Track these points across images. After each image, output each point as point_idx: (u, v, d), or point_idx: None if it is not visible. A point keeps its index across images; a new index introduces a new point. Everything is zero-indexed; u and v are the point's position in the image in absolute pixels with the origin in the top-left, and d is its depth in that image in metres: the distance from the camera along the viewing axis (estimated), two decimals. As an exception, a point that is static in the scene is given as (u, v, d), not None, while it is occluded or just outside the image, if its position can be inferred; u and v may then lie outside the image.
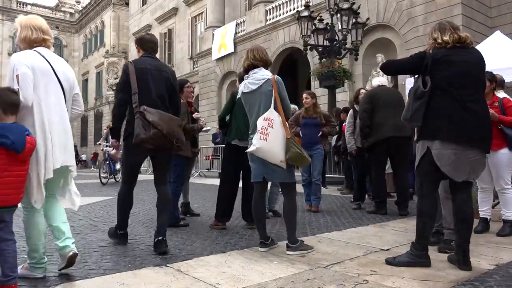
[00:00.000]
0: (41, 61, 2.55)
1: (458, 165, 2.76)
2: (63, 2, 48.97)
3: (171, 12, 28.32)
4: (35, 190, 2.45)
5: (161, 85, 3.43)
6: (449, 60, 2.82)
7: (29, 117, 2.45)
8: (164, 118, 3.22)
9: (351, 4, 10.26)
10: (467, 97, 2.77)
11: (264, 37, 18.09)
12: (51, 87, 2.57)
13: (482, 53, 3.03)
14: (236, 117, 4.37)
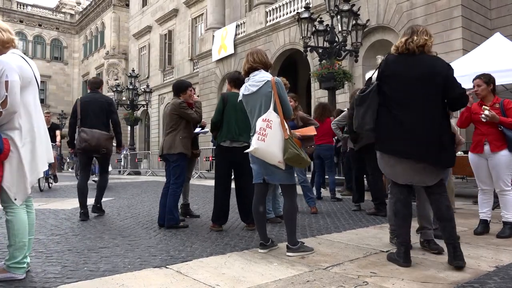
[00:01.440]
0: (25, 66, 2.58)
1: (394, 173, 2.97)
2: (64, 3, 49.05)
3: (172, 14, 28.37)
4: (22, 189, 2.51)
5: (99, 111, 5.31)
6: (390, 67, 2.91)
7: (16, 121, 2.49)
8: (94, 135, 5.15)
9: (351, 5, 10.27)
10: (402, 110, 2.81)
11: (264, 39, 18.11)
12: (33, 90, 2.63)
13: (482, 55, 3.04)
14: (227, 118, 4.37)
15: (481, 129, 4.00)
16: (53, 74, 42.88)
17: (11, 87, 2.41)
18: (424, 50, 2.87)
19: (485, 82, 4.04)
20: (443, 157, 2.83)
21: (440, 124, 2.81)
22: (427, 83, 2.79)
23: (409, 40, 2.87)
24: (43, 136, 2.67)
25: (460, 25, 11.37)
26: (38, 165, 2.59)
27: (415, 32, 2.90)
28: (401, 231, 2.99)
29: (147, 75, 31.27)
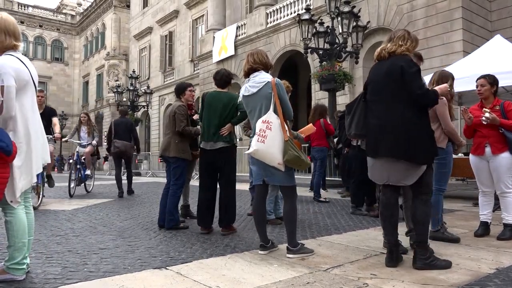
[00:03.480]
0: (22, 68, 2.55)
1: (372, 172, 3.07)
2: (64, 4, 49.11)
3: (172, 15, 28.40)
4: (10, 193, 2.49)
5: (125, 130, 8.41)
6: (369, 75, 3.12)
7: (10, 123, 2.48)
8: (122, 144, 8.22)
9: (352, 7, 10.28)
10: (373, 111, 2.98)
11: (264, 40, 18.12)
12: (30, 92, 2.62)
13: (483, 57, 3.06)
14: (204, 119, 4.37)
15: (482, 131, 3.99)
16: (54, 75, 42.92)
17: (7, 93, 2.41)
18: (396, 54, 2.94)
19: (490, 83, 4.03)
20: (412, 152, 2.80)
21: (407, 119, 2.82)
22: (388, 81, 2.90)
23: (383, 47, 3.02)
24: (39, 137, 2.66)
25: (461, 27, 11.38)
26: (32, 169, 2.57)
27: (392, 39, 3.02)
28: (384, 232, 3.08)
29: (147, 76, 31.29)
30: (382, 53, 3.00)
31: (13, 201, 2.51)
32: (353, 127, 3.10)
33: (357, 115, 3.08)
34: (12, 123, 2.48)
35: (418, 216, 2.92)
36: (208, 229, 4.29)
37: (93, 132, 8.74)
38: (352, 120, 3.12)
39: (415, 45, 3.02)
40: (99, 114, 37.75)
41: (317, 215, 5.51)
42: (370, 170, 3.10)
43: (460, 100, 9.10)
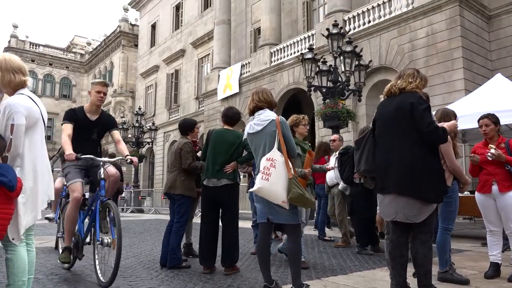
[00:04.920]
0: (33, 107, 2.61)
1: (382, 209, 3.05)
2: (75, 43, 50.65)
3: (179, 54, 29.13)
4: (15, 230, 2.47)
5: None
6: (378, 111, 3.15)
7: (18, 159, 2.51)
8: None
9: (354, 47, 10.52)
10: (381, 147, 2.99)
11: (269, 78, 18.46)
12: (39, 129, 2.66)
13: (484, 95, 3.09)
14: (208, 156, 4.38)
15: (488, 169, 3.97)
16: (61, 111, 43.53)
17: (16, 131, 2.45)
18: (405, 91, 2.98)
19: (493, 122, 4.05)
20: (420, 189, 2.78)
21: (416, 155, 2.81)
22: (397, 117, 2.92)
23: (393, 84, 3.06)
24: (46, 174, 2.68)
25: (461, 66, 11.57)
26: (37, 205, 2.58)
27: (401, 76, 3.08)
28: (393, 273, 2.97)
29: (153, 113, 31.71)
30: (392, 89, 3.03)
31: (15, 238, 2.48)
32: (362, 163, 3.07)
33: (366, 151, 3.07)
34: (20, 159, 2.51)
35: (418, 258, 2.85)
36: (211, 268, 4.20)
37: None
38: (361, 156, 3.10)
39: (424, 83, 3.06)
40: (104, 150, 37.94)
41: (322, 254, 5.40)
42: (379, 206, 3.09)
43: (464, 137, 9.11)
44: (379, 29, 13.84)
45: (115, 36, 38.87)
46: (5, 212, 2.36)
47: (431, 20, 12.32)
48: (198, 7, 27.63)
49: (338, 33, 10.82)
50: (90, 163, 4.04)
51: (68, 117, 4.10)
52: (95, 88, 4.22)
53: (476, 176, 4.18)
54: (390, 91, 3.06)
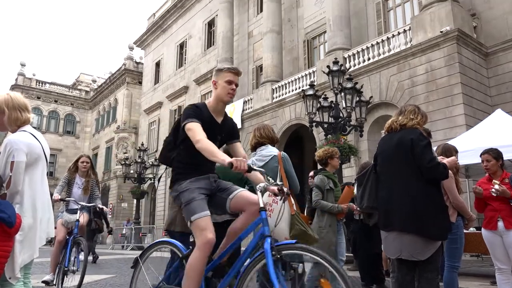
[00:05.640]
0: (35, 143, 2.63)
1: (386, 246, 3.02)
2: (80, 81, 51.66)
3: (182, 90, 29.61)
4: (10, 269, 2.42)
5: None
6: (379, 147, 3.17)
7: (17, 196, 2.50)
8: None
9: (354, 83, 10.69)
10: (383, 183, 2.99)
11: (270, 114, 18.64)
12: (41, 166, 2.67)
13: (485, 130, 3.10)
14: None
15: (493, 205, 3.92)
16: (64, 147, 43.86)
17: (16, 168, 2.46)
18: (406, 127, 3.00)
19: (494, 157, 4.04)
20: (423, 226, 2.74)
21: (418, 191, 2.80)
22: (398, 153, 2.93)
23: (394, 120, 3.09)
24: (46, 212, 2.66)
25: (461, 101, 11.68)
26: (35, 243, 2.54)
27: (402, 112, 3.11)
28: None
29: (155, 149, 31.84)
30: (393, 125, 3.06)
31: (12, 277, 2.43)
32: (365, 199, 3.07)
33: (369, 187, 3.07)
34: (19, 196, 2.50)
35: None
36: None
37: (94, 188, 5.64)
38: (363, 192, 3.10)
39: (425, 120, 3.09)
40: (105, 186, 37.86)
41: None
42: (383, 243, 3.04)
43: (467, 173, 9.07)
44: (378, 66, 14.11)
45: (120, 73, 39.70)
46: (3, 249, 2.33)
47: (429, 58, 12.57)
48: (201, 46, 28.36)
49: (339, 70, 11.03)
50: (214, 186, 2.89)
51: (194, 114, 2.77)
52: (224, 76, 2.91)
53: (481, 212, 4.13)
54: (391, 127, 3.08)
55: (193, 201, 2.66)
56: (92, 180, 5.59)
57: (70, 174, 5.53)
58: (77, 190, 5.43)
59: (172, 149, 2.92)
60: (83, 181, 5.50)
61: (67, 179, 5.51)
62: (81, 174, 5.52)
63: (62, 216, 5.32)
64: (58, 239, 5.03)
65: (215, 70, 2.99)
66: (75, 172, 5.53)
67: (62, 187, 5.51)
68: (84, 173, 5.52)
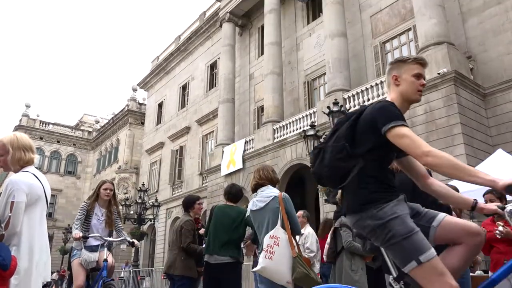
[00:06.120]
0: (36, 184, 2.64)
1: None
2: (83, 121, 52.30)
3: (184, 131, 29.87)
4: None
5: None
6: None
7: (15, 238, 2.47)
8: None
9: (355, 124, 10.78)
10: None
11: (272, 154, 18.68)
12: (40, 206, 2.65)
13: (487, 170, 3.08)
14: (210, 232, 4.29)
15: (499, 247, 3.84)
16: (64, 188, 43.70)
17: (16, 208, 2.45)
18: None
19: (498, 197, 4.01)
20: None
21: None
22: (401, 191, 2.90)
23: None
24: (43, 255, 2.62)
25: (462, 141, 11.72)
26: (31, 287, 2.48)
27: None
28: None
29: (156, 189, 31.69)
30: (393, 165, 3.05)
31: None
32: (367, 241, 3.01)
33: None
34: (17, 238, 2.46)
35: None
36: None
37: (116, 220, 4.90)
38: None
39: None
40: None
41: None
42: None
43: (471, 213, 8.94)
44: (378, 107, 14.28)
45: (123, 114, 40.26)
46: None
47: (428, 98, 12.74)
48: (203, 87, 28.91)
49: (339, 111, 11.18)
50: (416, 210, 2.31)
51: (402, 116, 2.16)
52: (411, 69, 2.35)
53: (487, 254, 4.04)
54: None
55: (414, 233, 1.97)
56: (114, 210, 4.86)
57: (89, 204, 4.75)
58: (96, 222, 4.66)
59: (348, 159, 2.16)
60: (103, 212, 4.73)
61: (85, 210, 4.70)
62: (102, 204, 4.75)
63: (79, 254, 4.44)
64: (77, 284, 4.24)
65: (395, 62, 2.34)
66: (95, 201, 4.74)
67: (80, 221, 4.63)
68: (106, 202, 4.76)
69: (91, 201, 4.74)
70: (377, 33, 17.09)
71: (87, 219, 4.62)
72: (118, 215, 4.92)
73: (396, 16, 16.49)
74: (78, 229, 4.45)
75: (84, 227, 4.57)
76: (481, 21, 13.82)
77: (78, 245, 4.51)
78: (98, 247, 4.45)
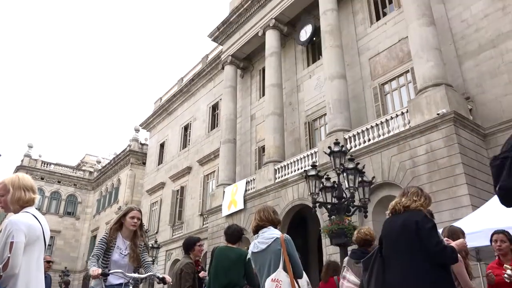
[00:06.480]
0: (35, 224, 2.61)
1: None
2: (85, 162, 52.41)
3: (185, 171, 29.83)
4: None
5: None
6: (383, 229, 3.10)
7: (11, 280, 2.41)
8: None
9: (356, 164, 10.77)
10: (390, 268, 2.89)
11: (273, 194, 18.54)
12: (38, 247, 2.62)
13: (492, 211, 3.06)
14: (210, 275, 4.21)
15: (508, 292, 3.73)
16: (63, 229, 43.11)
17: (15, 249, 2.41)
18: (410, 209, 2.98)
19: (509, 239, 3.97)
20: None
21: (426, 278, 2.69)
22: (403, 237, 2.86)
23: (398, 201, 3.08)
24: None
25: (464, 182, 11.65)
26: None
27: (405, 194, 3.11)
28: None
29: (156, 230, 31.23)
30: (396, 206, 3.04)
31: None
32: (372, 284, 2.95)
33: (375, 271, 2.97)
34: (13, 280, 2.40)
35: None
36: None
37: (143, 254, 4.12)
38: (370, 277, 3.00)
39: (428, 202, 3.09)
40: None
41: None
42: None
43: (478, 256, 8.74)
44: (379, 147, 14.33)
45: (125, 154, 40.41)
46: None
47: (429, 138, 12.81)
48: (205, 128, 29.19)
49: (340, 151, 11.19)
50: None
51: None
52: None
53: None
54: (395, 208, 3.07)
55: None
56: (140, 243, 4.02)
57: (110, 235, 3.92)
58: (118, 257, 3.89)
59: None
60: (127, 244, 3.92)
61: (105, 242, 3.89)
62: (126, 235, 3.95)
63: None
64: None
65: None
66: (117, 231, 3.94)
67: (98, 256, 3.86)
68: (131, 233, 3.95)
69: (112, 231, 3.94)
70: (376, 75, 17.44)
71: (107, 253, 3.87)
72: (145, 247, 4.16)
73: (394, 58, 16.90)
74: (95, 265, 3.74)
75: (103, 263, 3.86)
76: (477, 63, 14.13)
77: (98, 284, 3.81)
78: (122, 286, 3.74)
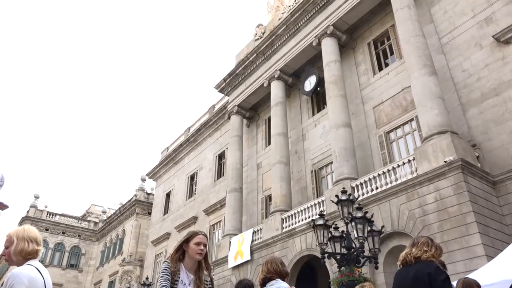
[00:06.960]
0: (37, 277, 2.58)
1: None
2: (90, 212, 52.04)
3: (191, 221, 29.46)
4: None
5: None
6: (395, 281, 3.06)
7: None
8: None
9: (364, 213, 10.59)
10: None
11: (281, 245, 18.11)
12: None
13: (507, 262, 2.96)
14: None
15: None
16: (65, 282, 42.00)
17: None
18: (421, 259, 2.91)
19: None
20: None
21: None
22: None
23: (408, 252, 3.02)
24: None
25: (477, 231, 11.33)
26: None
27: (415, 244, 3.04)
28: None
29: (160, 283, 30.34)
30: (407, 257, 2.98)
31: None
32: None
33: None
34: None
35: None
36: None
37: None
38: None
39: (439, 252, 3.01)
40: None
41: None
42: None
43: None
44: (387, 195, 14.13)
45: (131, 204, 40.15)
46: None
47: (437, 186, 12.63)
48: (211, 177, 29.16)
49: (348, 200, 11.05)
50: None
51: None
52: None
53: None
54: (405, 259, 2.99)
55: None
56: (206, 278, 3.41)
57: (172, 265, 3.27)
58: None
59: None
60: (191, 279, 3.31)
61: (170, 273, 3.23)
62: (189, 266, 3.33)
63: None
64: None
65: None
66: (179, 261, 3.35)
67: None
68: (195, 264, 3.35)
69: (174, 260, 3.31)
70: (381, 123, 17.59)
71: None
72: (211, 284, 3.51)
73: (398, 107, 17.11)
74: None
75: None
76: (481, 111, 14.23)
77: None
78: None
